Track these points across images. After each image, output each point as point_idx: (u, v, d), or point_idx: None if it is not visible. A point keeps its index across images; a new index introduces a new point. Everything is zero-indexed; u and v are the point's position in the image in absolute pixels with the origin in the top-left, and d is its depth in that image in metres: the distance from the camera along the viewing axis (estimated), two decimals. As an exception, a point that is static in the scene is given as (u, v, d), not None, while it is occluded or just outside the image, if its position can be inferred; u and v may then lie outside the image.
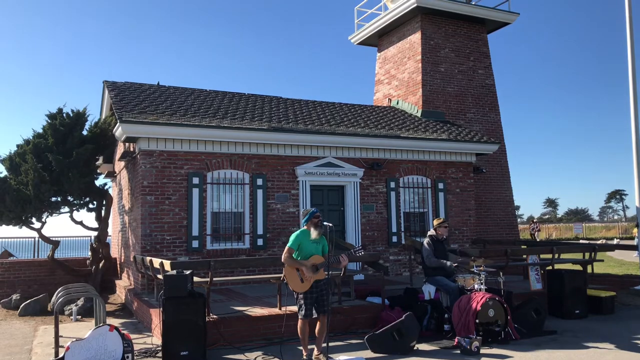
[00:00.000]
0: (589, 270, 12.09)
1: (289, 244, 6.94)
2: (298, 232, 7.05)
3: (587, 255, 11.91)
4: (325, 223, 6.97)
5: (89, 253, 13.68)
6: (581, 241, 32.35)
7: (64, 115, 12.28)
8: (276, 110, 13.98)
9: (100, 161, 14.25)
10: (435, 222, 9.21)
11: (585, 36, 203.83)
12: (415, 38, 16.99)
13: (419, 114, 16.14)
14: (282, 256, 6.96)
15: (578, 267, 11.47)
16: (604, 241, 31.92)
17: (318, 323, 6.92)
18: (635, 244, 26.32)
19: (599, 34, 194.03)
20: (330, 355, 6.89)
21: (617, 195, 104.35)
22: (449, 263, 8.70)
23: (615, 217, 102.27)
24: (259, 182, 12.13)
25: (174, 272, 7.51)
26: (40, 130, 12.29)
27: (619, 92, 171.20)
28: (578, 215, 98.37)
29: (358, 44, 19.68)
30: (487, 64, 17.74)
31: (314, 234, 6.94)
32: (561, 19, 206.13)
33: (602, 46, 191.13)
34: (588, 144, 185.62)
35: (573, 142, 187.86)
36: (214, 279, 8.50)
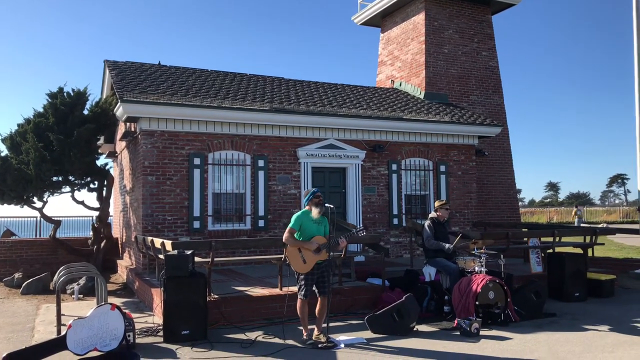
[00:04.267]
0: (590, 253, 12.11)
1: (290, 224, 6.94)
2: (300, 212, 7.05)
3: (587, 238, 11.92)
4: (326, 205, 6.96)
5: (91, 233, 13.73)
6: (582, 225, 32.35)
7: (65, 94, 12.22)
8: (278, 91, 13.90)
9: (101, 141, 14.22)
10: (437, 204, 9.19)
11: (591, 20, 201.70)
12: (419, 19, 16.81)
13: (421, 96, 16.04)
14: (284, 236, 6.96)
15: (579, 251, 11.48)
16: (605, 225, 31.94)
17: (318, 303, 6.95)
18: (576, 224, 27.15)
19: (604, 18, 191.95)
20: (330, 336, 6.93)
21: (618, 179, 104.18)
22: (447, 246, 8.69)
23: (617, 201, 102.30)
24: (261, 163, 12.10)
25: (175, 252, 7.53)
26: (41, 110, 12.25)
27: (623, 77, 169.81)
28: (579, 199, 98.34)
29: (361, 24, 19.49)
30: (491, 45, 17.57)
31: (314, 213, 6.93)
32: (567, 0, 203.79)
33: (607, 31, 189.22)
34: (590, 127, 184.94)
35: (575, 126, 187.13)
36: (215, 259, 8.52)
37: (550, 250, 10.85)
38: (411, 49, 17.10)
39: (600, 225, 28.83)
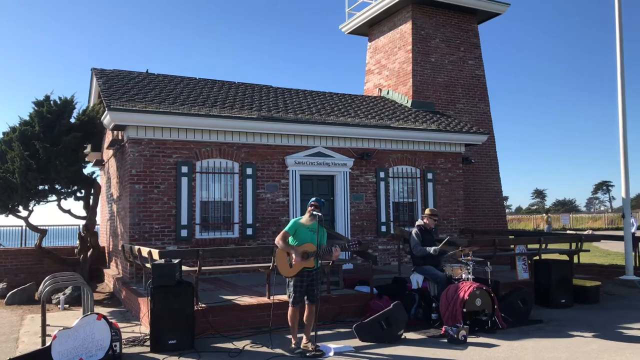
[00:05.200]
0: (575, 260, 12.22)
1: (285, 228, 7.01)
2: (298, 218, 7.14)
3: (573, 245, 12.03)
4: (314, 213, 6.98)
5: (77, 242, 13.60)
6: (568, 232, 32.66)
7: (51, 102, 12.15)
8: (266, 99, 13.92)
9: (88, 149, 14.13)
10: (427, 212, 9.23)
11: (575, 28, 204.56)
12: (406, 28, 16.95)
13: (409, 104, 16.15)
14: (276, 238, 7.00)
15: (565, 257, 11.58)
16: (590, 232, 32.25)
17: (306, 310, 6.96)
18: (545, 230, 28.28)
19: (589, 26, 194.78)
20: (319, 344, 6.92)
21: (603, 186, 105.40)
22: (432, 248, 8.71)
23: (602, 208, 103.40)
24: (249, 171, 12.10)
25: (163, 261, 7.49)
26: (27, 118, 12.16)
27: (606, 84, 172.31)
28: (565, 206, 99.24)
29: (349, 33, 19.60)
30: (478, 54, 17.75)
31: (303, 219, 6.99)
32: (552, 10, 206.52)
33: (592, 39, 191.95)
34: (576, 135, 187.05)
35: (561, 134, 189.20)
36: (203, 268, 8.49)
37: (537, 257, 10.94)
38: (398, 57, 17.23)
39: (585, 232, 29.13)
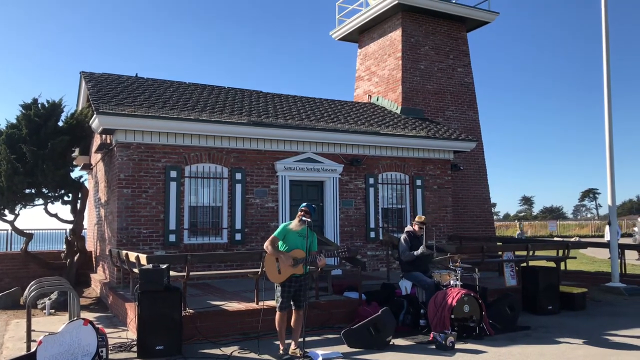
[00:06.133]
0: (562, 267, 12.32)
1: (275, 233, 6.99)
2: (287, 222, 7.14)
3: (560, 252, 12.13)
4: (304, 218, 6.98)
5: (64, 246, 13.47)
6: (555, 239, 32.90)
7: (39, 105, 12.05)
8: (256, 104, 13.92)
9: (76, 153, 14.03)
10: (417, 218, 9.26)
11: (563, 39, 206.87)
12: (396, 35, 17.05)
13: (398, 111, 16.23)
14: (265, 243, 6.98)
15: (552, 264, 11.67)
16: (577, 239, 32.52)
17: (293, 316, 6.96)
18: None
19: (577, 37, 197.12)
20: (307, 350, 6.91)
21: (590, 193, 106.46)
22: (420, 250, 8.69)
23: (589, 215, 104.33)
24: (238, 176, 12.07)
25: (150, 266, 7.45)
26: (14, 121, 12.04)
27: (593, 93, 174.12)
28: (553, 213, 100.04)
29: (339, 39, 19.67)
30: (467, 62, 17.89)
31: (292, 224, 6.99)
32: (540, 20, 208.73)
33: (578, 48, 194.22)
34: (563, 143, 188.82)
35: (549, 141, 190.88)
36: (191, 273, 8.45)
37: (524, 264, 11.01)
38: (388, 64, 17.32)
39: (572, 239, 29.37)
